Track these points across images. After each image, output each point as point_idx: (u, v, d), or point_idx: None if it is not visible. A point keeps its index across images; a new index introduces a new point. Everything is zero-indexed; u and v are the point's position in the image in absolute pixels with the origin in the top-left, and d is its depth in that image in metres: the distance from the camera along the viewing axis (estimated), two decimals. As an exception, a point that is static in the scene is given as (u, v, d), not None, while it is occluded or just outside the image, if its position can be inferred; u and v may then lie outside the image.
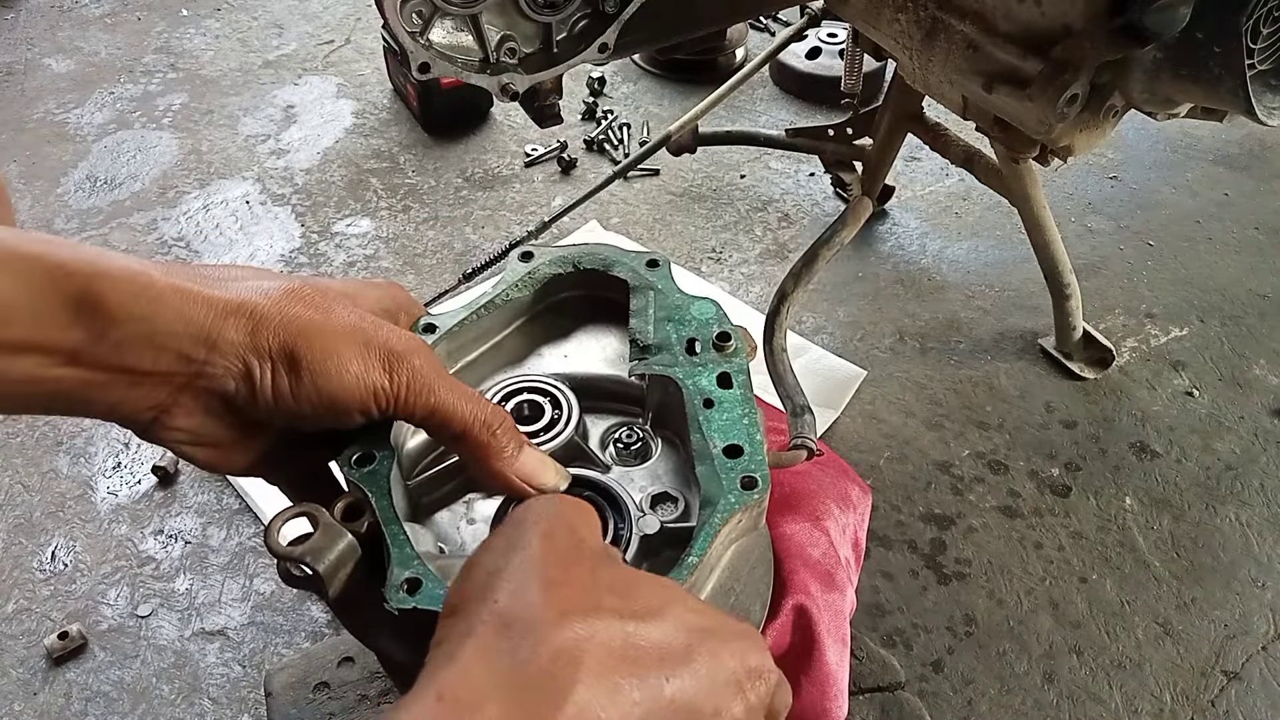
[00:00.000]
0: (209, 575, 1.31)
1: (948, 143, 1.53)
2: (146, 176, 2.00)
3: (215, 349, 0.54)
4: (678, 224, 1.87)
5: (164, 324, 0.53)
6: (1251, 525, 1.36)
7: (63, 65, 2.33)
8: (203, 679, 1.20)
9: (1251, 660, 1.21)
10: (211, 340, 0.54)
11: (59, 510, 1.39)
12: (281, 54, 2.37)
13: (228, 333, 0.54)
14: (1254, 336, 1.63)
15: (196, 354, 0.54)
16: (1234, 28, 0.94)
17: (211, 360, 0.54)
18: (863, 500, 1.05)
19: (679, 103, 2.17)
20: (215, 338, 0.54)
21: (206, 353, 0.54)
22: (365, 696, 1.03)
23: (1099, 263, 1.78)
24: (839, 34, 2.15)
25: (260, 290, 0.56)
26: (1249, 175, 1.98)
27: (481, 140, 2.08)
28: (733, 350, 0.71)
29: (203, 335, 0.54)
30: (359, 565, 0.59)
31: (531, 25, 1.05)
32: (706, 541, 0.59)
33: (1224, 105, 1.05)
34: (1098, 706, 1.17)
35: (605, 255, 0.79)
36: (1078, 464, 1.44)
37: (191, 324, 0.53)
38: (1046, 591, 1.28)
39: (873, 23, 1.25)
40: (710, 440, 0.65)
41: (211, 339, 0.54)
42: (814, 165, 1.98)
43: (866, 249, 1.81)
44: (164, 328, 0.53)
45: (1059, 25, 1.03)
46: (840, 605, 0.92)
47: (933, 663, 1.21)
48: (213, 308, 0.54)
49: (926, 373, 1.57)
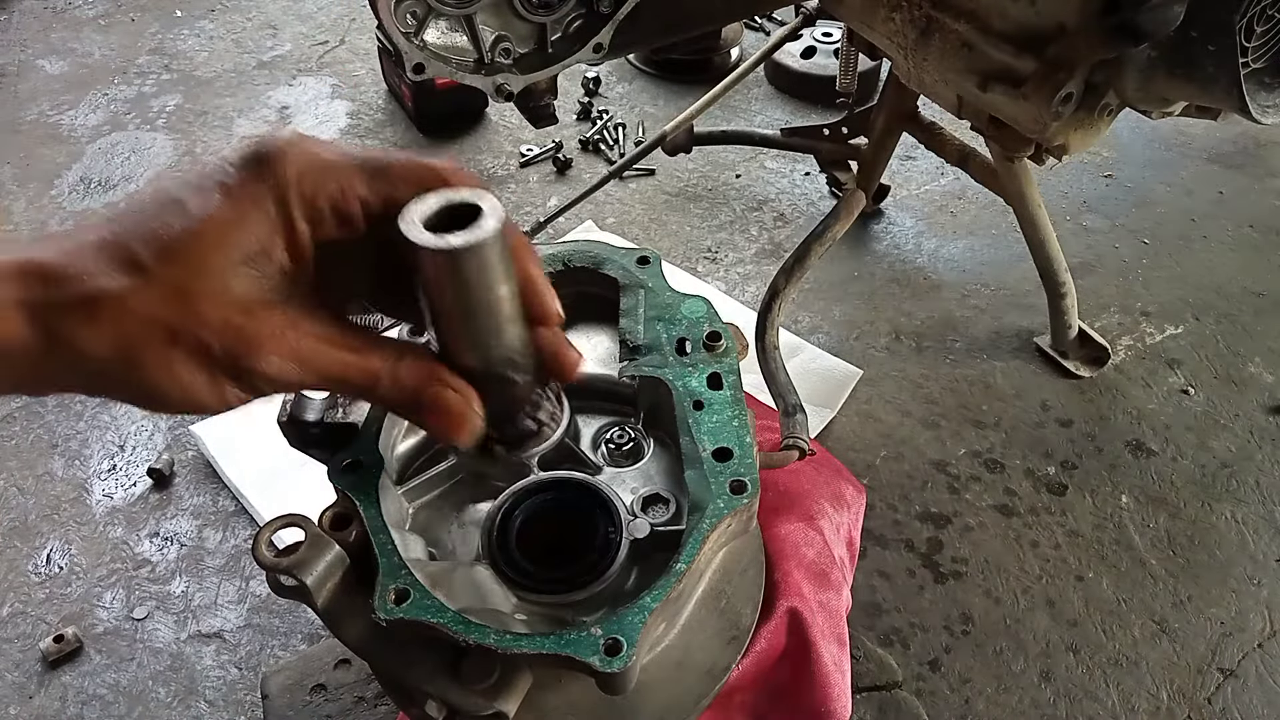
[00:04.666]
0: (205, 578, 1.30)
1: (943, 142, 1.53)
2: (141, 178, 2.00)
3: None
4: (673, 224, 1.87)
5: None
6: (1247, 523, 1.36)
7: (56, 67, 2.32)
8: (199, 681, 1.20)
9: (1248, 657, 1.21)
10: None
11: (54, 513, 1.39)
12: (276, 55, 2.37)
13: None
14: (1249, 334, 1.63)
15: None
16: (1228, 27, 0.94)
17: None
18: (857, 499, 1.05)
19: (674, 102, 2.17)
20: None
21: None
22: (362, 698, 1.03)
23: (1094, 261, 1.78)
24: (834, 33, 2.15)
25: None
26: (1243, 173, 1.98)
27: (477, 140, 2.08)
28: (723, 350, 0.71)
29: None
30: (347, 575, 0.59)
31: (526, 26, 1.05)
32: (695, 547, 0.59)
33: (1218, 103, 1.05)
34: (1094, 704, 1.17)
35: (595, 253, 0.79)
36: (1074, 462, 1.44)
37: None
38: (1043, 590, 1.28)
39: (868, 22, 1.25)
40: (700, 443, 0.64)
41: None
42: (809, 165, 1.98)
43: (862, 248, 1.81)
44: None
45: (1054, 24, 1.03)
46: (836, 605, 0.92)
47: (930, 661, 1.21)
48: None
49: (922, 372, 1.57)
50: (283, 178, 0.49)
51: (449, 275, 0.49)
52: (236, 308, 0.48)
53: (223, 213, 0.48)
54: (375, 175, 0.51)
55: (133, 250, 0.47)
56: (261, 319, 0.48)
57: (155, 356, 0.47)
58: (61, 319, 0.46)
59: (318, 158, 0.50)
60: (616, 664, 0.54)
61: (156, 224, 0.48)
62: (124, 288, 0.46)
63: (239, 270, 0.48)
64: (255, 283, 0.49)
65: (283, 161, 0.49)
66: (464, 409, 0.53)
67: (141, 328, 0.47)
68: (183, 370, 0.48)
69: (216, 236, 0.48)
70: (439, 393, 0.53)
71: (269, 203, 0.49)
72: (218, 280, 0.48)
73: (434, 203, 0.49)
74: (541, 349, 0.56)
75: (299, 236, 0.50)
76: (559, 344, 0.57)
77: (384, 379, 0.52)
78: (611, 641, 0.55)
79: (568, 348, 0.57)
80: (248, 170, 0.49)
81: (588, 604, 0.63)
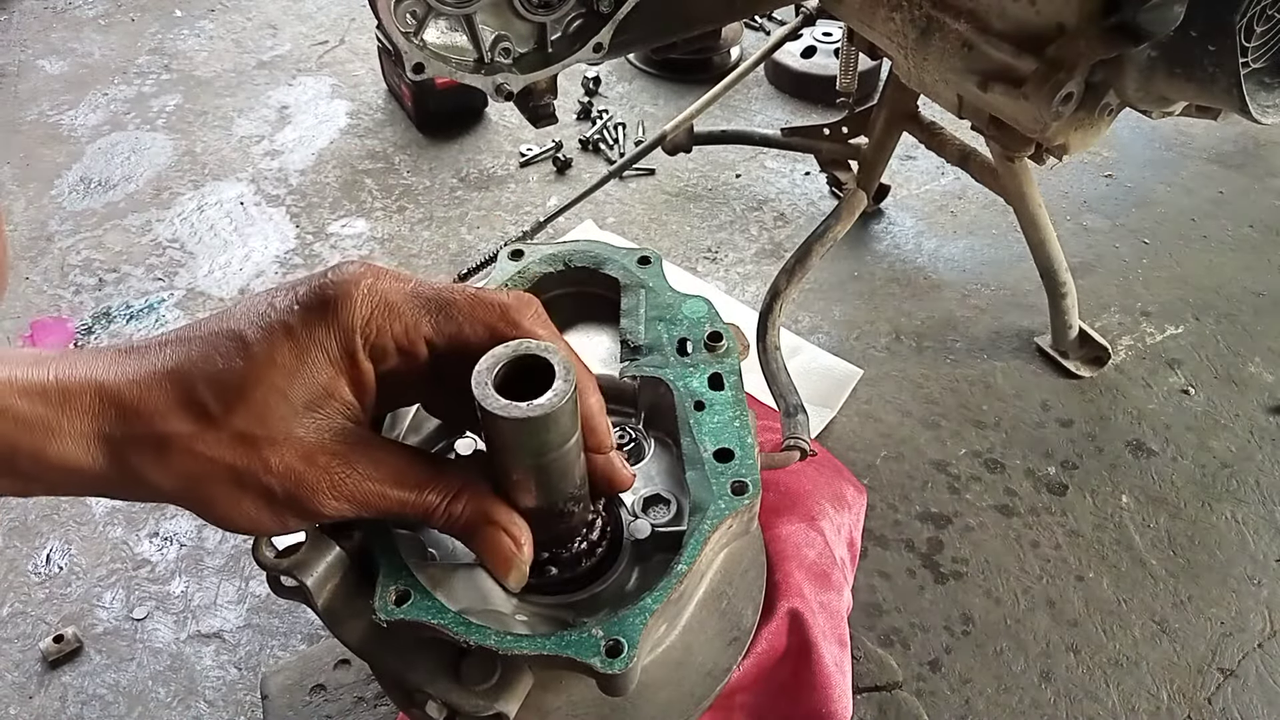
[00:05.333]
0: (204, 578, 1.30)
1: (943, 141, 1.53)
2: (141, 178, 2.00)
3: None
4: (673, 224, 1.87)
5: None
6: (1248, 523, 1.36)
7: (56, 67, 2.32)
8: (199, 682, 1.20)
9: (1248, 658, 1.21)
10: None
11: (54, 513, 1.38)
12: (276, 55, 2.37)
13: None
14: (1249, 334, 1.63)
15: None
16: (1228, 26, 0.94)
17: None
18: (858, 499, 1.05)
19: (674, 102, 2.17)
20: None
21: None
22: (362, 699, 1.03)
23: (1094, 261, 1.78)
24: (834, 33, 2.15)
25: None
26: (1243, 173, 1.98)
27: (476, 140, 2.08)
28: (724, 350, 0.71)
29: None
30: (348, 576, 0.59)
31: (526, 25, 1.05)
32: (696, 548, 0.59)
33: (1218, 103, 1.05)
34: (1095, 705, 1.17)
35: (596, 253, 0.78)
36: (1074, 462, 1.44)
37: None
38: (1043, 590, 1.28)
39: (868, 21, 1.25)
40: (701, 444, 0.64)
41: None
42: (810, 164, 1.98)
43: (862, 248, 1.81)
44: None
45: (1053, 24, 1.03)
46: (837, 605, 0.92)
47: (930, 662, 1.21)
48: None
49: (923, 372, 1.57)
50: (348, 322, 0.51)
51: (519, 437, 0.52)
52: (298, 454, 0.50)
53: (284, 358, 0.50)
54: (440, 313, 0.54)
55: (198, 393, 0.50)
56: (322, 465, 0.51)
57: (222, 495, 0.51)
58: (132, 453, 0.49)
59: (384, 299, 0.52)
60: (617, 665, 0.54)
61: (221, 365, 0.50)
62: (192, 433, 0.49)
63: (301, 416, 0.51)
64: (317, 426, 0.51)
65: (349, 305, 0.51)
66: (513, 555, 0.56)
67: (209, 469, 0.50)
68: (250, 507, 0.51)
69: (280, 383, 0.50)
70: (492, 535, 0.56)
71: (333, 345, 0.51)
72: (280, 427, 0.50)
73: (503, 357, 0.51)
74: (595, 472, 0.59)
75: (363, 376, 0.53)
76: (613, 470, 0.60)
77: (438, 515, 0.55)
78: (612, 642, 0.55)
79: (622, 471, 0.61)
80: (313, 313, 0.51)
81: (588, 605, 0.62)
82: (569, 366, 0.51)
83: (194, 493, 0.51)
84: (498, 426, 0.51)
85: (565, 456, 0.54)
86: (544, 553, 0.62)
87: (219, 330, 0.51)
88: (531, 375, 0.51)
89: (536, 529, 0.58)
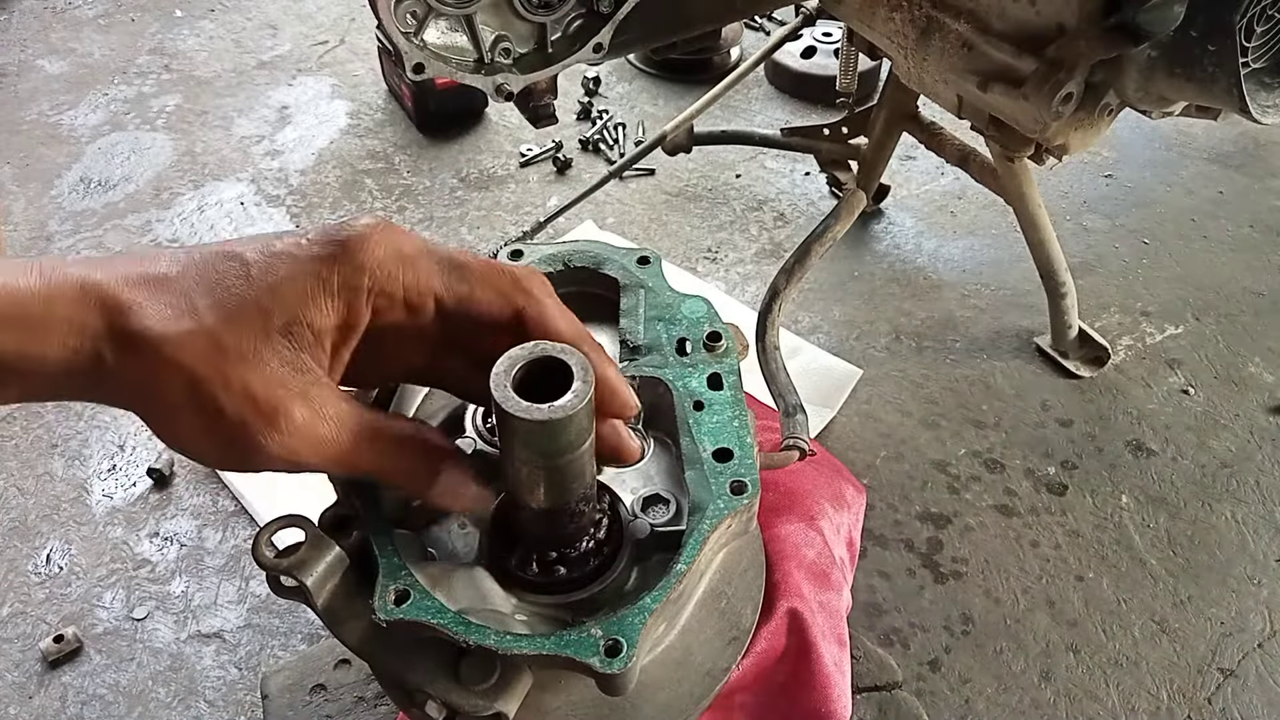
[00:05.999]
0: (205, 578, 1.30)
1: (943, 142, 1.53)
2: (141, 178, 2.00)
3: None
4: (673, 224, 1.87)
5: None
6: (1247, 523, 1.36)
7: (56, 67, 2.32)
8: (199, 682, 1.20)
9: (1248, 658, 1.21)
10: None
11: (54, 513, 1.39)
12: (276, 55, 2.37)
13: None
14: (1249, 334, 1.63)
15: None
16: (1228, 26, 0.94)
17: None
18: (857, 499, 1.05)
19: (674, 102, 2.17)
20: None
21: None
22: (362, 698, 1.03)
23: (1094, 261, 1.78)
24: (834, 33, 2.15)
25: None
26: (1243, 173, 1.98)
27: (476, 140, 2.08)
28: (724, 350, 0.71)
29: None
30: (347, 575, 0.59)
31: (526, 25, 1.05)
32: (695, 548, 0.59)
33: (1218, 103, 1.05)
34: (1095, 705, 1.17)
35: (595, 253, 0.78)
36: (1074, 462, 1.44)
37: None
38: (1043, 590, 1.28)
39: (868, 22, 1.25)
40: (700, 444, 0.64)
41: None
42: (809, 164, 1.98)
43: (862, 248, 1.81)
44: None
45: (1053, 24, 1.03)
46: (836, 605, 0.92)
47: (930, 662, 1.21)
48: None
49: (923, 371, 1.57)
50: (359, 261, 0.50)
51: (538, 439, 0.52)
52: (260, 378, 0.48)
53: (278, 280, 0.49)
54: (453, 273, 0.53)
55: (181, 299, 0.48)
56: (279, 397, 0.49)
57: (171, 404, 0.48)
58: (105, 346, 0.47)
59: (399, 248, 0.52)
60: (617, 665, 0.54)
61: (214, 277, 0.49)
62: (163, 334, 0.47)
63: (274, 338, 0.49)
64: (288, 351, 0.49)
65: (365, 246, 0.51)
66: (466, 488, 0.58)
67: (168, 374, 0.47)
68: (194, 421, 0.49)
69: (265, 301, 0.49)
70: (446, 476, 0.57)
71: (334, 279, 0.50)
72: (249, 345, 0.48)
73: (521, 358, 0.52)
74: (602, 442, 0.58)
75: (355, 318, 0.51)
76: (619, 440, 0.59)
77: (396, 475, 0.55)
78: (612, 642, 0.55)
79: (629, 442, 0.60)
80: (322, 248, 0.50)
81: (588, 604, 0.62)
82: (586, 367, 0.51)
83: (145, 395, 0.48)
84: (517, 428, 0.51)
85: (581, 458, 0.55)
86: (552, 553, 0.62)
87: (220, 251, 0.51)
88: (548, 376, 0.51)
89: (546, 529, 0.59)
